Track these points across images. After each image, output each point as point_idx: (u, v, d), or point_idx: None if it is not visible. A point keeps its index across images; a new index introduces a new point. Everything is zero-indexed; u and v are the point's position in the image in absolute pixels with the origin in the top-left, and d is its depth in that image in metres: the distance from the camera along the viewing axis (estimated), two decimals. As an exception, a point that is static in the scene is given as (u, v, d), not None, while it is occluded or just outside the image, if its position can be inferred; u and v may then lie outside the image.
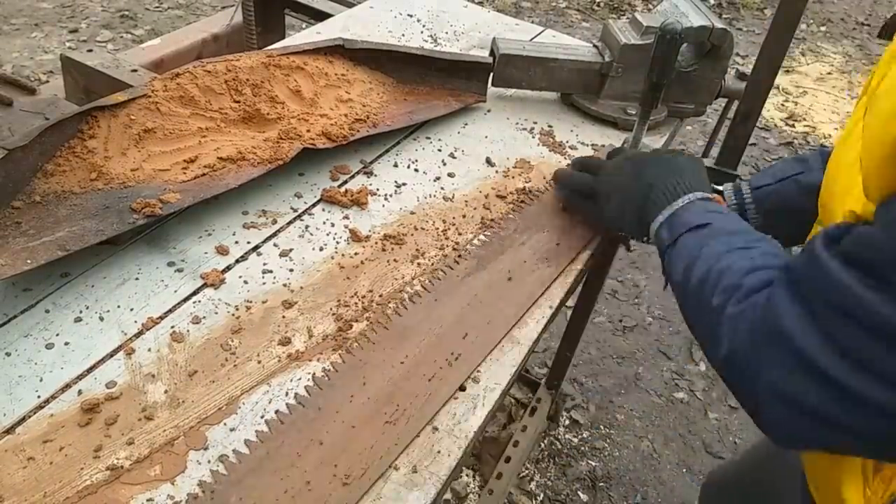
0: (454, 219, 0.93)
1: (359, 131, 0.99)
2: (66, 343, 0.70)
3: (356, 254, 0.85)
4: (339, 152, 1.00)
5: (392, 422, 0.67)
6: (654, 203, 0.78)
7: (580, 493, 1.81)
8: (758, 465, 1.02)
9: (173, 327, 0.73)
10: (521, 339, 0.78)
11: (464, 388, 0.71)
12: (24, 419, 0.63)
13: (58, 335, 0.71)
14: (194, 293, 0.77)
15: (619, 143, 1.10)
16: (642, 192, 0.80)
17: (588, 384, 2.09)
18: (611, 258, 1.52)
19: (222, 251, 0.83)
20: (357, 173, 0.99)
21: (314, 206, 0.92)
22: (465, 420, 0.68)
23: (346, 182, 0.98)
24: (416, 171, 1.01)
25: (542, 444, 1.90)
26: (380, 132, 1.02)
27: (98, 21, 3.53)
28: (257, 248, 0.85)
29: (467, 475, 1.73)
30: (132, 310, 0.74)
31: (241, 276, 0.80)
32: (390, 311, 0.78)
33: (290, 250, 0.84)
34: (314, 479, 0.61)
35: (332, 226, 0.89)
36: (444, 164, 1.03)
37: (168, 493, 0.59)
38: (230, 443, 0.63)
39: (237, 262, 0.82)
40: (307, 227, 0.88)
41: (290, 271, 0.82)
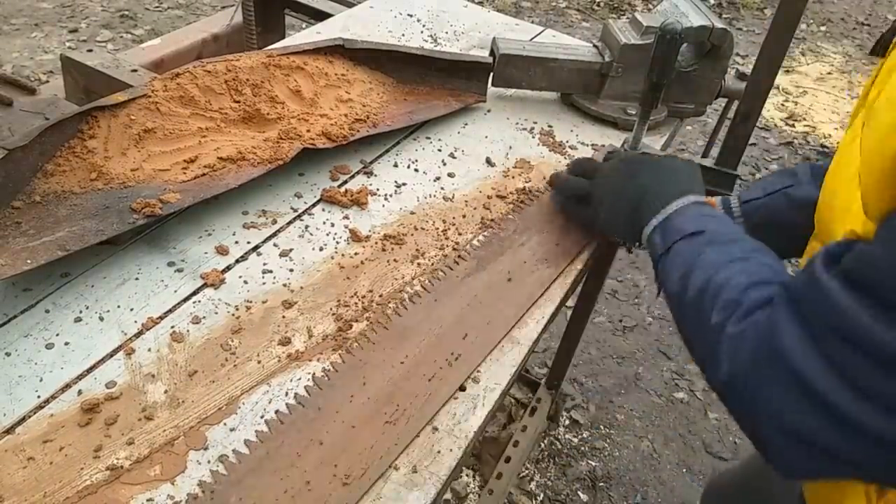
0: (454, 219, 0.93)
1: (359, 131, 0.99)
2: (66, 343, 0.70)
3: (356, 254, 0.85)
4: (339, 152, 1.00)
5: (392, 422, 0.67)
6: (647, 207, 0.76)
7: (580, 493, 1.81)
8: (758, 473, 1.02)
9: (173, 327, 0.73)
10: (521, 339, 0.78)
11: (464, 388, 0.71)
12: (24, 419, 0.63)
13: (58, 335, 0.71)
14: (194, 293, 0.77)
15: (619, 143, 1.10)
16: (636, 196, 0.78)
17: (588, 384, 2.09)
18: (611, 259, 1.52)
19: (222, 251, 0.83)
20: (357, 173, 0.99)
21: (314, 206, 0.92)
22: (465, 420, 0.68)
23: (346, 182, 0.98)
24: (416, 171, 1.01)
25: (542, 444, 1.90)
26: (380, 132, 1.02)
27: (98, 21, 3.53)
28: (257, 248, 0.85)
29: (467, 475, 1.73)
30: (132, 310, 0.74)
31: (241, 276, 0.80)
32: (390, 311, 0.78)
33: (290, 250, 0.84)
34: (314, 479, 0.61)
35: (332, 226, 0.89)
36: (444, 164, 1.03)
37: (168, 493, 0.59)
38: (230, 443, 0.63)
39: (237, 262, 0.82)
40: (307, 227, 0.88)
41: (290, 271, 0.82)
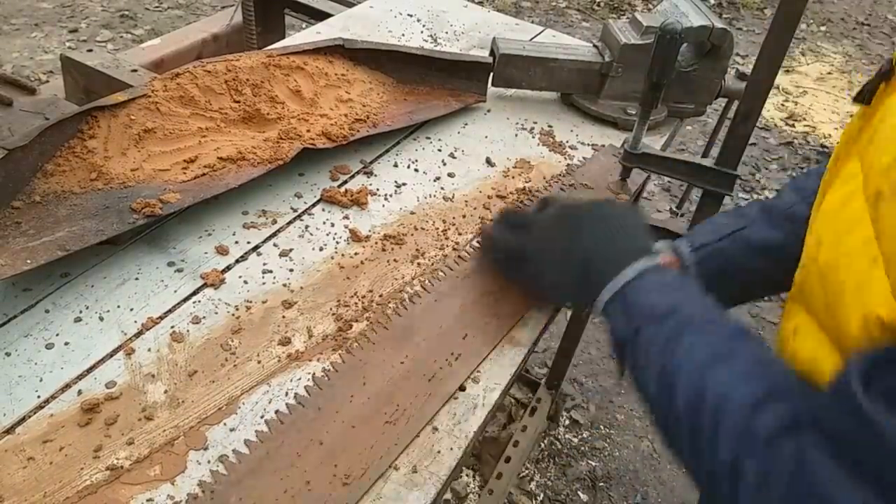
0: (454, 219, 0.93)
1: (359, 131, 0.99)
2: (66, 343, 0.70)
3: (356, 254, 0.85)
4: (339, 152, 1.00)
5: (392, 422, 0.67)
6: (597, 272, 0.68)
7: (580, 493, 1.81)
8: None
9: (173, 327, 0.73)
10: (521, 339, 0.78)
11: (464, 388, 0.71)
12: (24, 419, 0.63)
13: (58, 335, 0.71)
14: (194, 293, 0.77)
15: (619, 143, 1.10)
16: (583, 257, 0.70)
17: (588, 384, 2.09)
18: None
19: (222, 251, 0.83)
20: (357, 173, 0.99)
21: (314, 206, 0.92)
22: (465, 420, 0.68)
23: (346, 182, 0.98)
24: (416, 171, 1.01)
25: (542, 444, 1.90)
26: (380, 132, 1.02)
27: (98, 21, 3.53)
28: (257, 248, 0.85)
29: (467, 475, 1.73)
30: (132, 310, 0.74)
31: (241, 276, 0.80)
32: (390, 311, 0.78)
33: (290, 250, 0.84)
34: (314, 479, 0.61)
35: (332, 226, 0.89)
36: (444, 164, 1.03)
37: (168, 493, 0.59)
38: (230, 443, 0.63)
39: (237, 262, 0.82)
40: (307, 227, 0.88)
41: (290, 271, 0.82)
